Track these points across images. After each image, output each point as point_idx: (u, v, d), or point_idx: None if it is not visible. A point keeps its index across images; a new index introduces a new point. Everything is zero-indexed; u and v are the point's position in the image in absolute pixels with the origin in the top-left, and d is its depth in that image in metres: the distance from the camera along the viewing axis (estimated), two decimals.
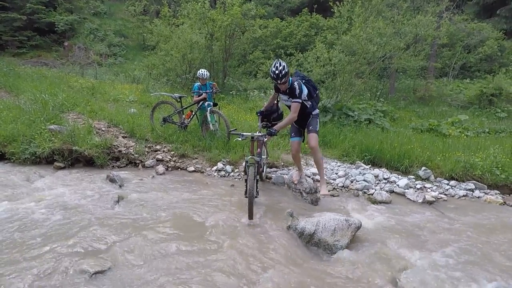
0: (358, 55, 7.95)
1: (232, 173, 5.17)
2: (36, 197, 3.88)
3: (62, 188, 4.19)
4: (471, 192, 4.99)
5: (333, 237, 3.10)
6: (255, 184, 3.58)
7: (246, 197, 3.55)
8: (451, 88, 15.02)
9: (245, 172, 3.71)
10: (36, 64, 16.32)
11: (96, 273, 2.42)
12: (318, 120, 4.09)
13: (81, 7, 20.64)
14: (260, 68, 14.35)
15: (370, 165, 5.76)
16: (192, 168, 5.31)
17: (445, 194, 4.91)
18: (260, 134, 3.81)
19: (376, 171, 5.43)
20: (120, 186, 4.39)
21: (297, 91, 3.73)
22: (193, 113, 6.40)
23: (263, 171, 4.67)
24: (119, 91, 10.80)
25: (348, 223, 3.24)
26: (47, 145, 5.15)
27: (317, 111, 4.14)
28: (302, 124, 4.12)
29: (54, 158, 5.15)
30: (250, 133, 3.78)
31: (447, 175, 5.37)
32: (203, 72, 6.31)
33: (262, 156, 4.44)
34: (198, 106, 6.26)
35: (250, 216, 3.49)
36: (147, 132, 6.26)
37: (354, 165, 5.79)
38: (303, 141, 4.31)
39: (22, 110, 6.50)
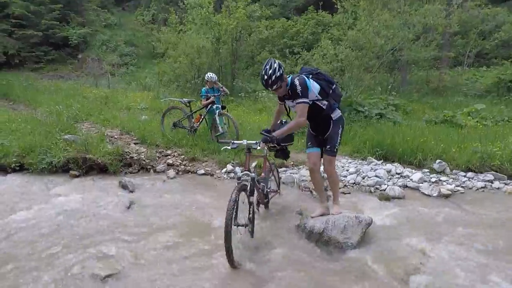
0: (366, 50, 7.82)
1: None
2: (52, 204, 4.02)
3: (76, 195, 4.32)
4: (490, 184, 4.79)
5: (343, 234, 3.05)
6: (250, 211, 2.86)
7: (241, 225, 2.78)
8: (466, 77, 14.52)
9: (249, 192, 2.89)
10: (53, 78, 16.98)
11: (107, 276, 2.49)
12: (340, 131, 3.16)
13: (92, 20, 21.30)
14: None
15: (382, 161, 5.63)
16: (202, 171, 5.36)
17: (462, 187, 4.73)
18: (254, 142, 3.00)
19: (388, 166, 5.31)
20: (132, 192, 4.49)
21: (299, 88, 2.90)
22: (202, 116, 6.48)
23: (267, 199, 3.63)
24: (131, 99, 11.08)
25: (359, 220, 3.18)
26: (62, 155, 5.32)
27: (338, 113, 3.20)
28: (319, 130, 3.25)
29: (69, 166, 5.31)
30: (243, 141, 3.03)
31: (463, 167, 5.17)
32: (211, 75, 6.40)
33: (270, 179, 3.72)
34: (207, 109, 6.34)
35: (230, 262, 2.58)
36: (158, 137, 6.37)
37: (365, 161, 5.68)
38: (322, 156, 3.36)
39: (39, 122, 6.77)
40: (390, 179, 4.99)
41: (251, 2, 12.95)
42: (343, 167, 5.48)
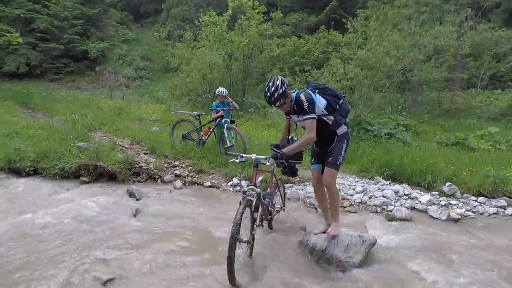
0: (375, 69, 7.91)
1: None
2: (61, 209, 4.11)
3: (84, 201, 4.40)
4: (503, 210, 4.64)
5: (345, 253, 3.01)
6: (254, 228, 2.80)
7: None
8: (480, 99, 14.41)
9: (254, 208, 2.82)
10: (71, 88, 17.65)
11: (107, 281, 2.53)
12: (344, 145, 3.08)
13: (111, 35, 22.26)
14: None
15: (390, 181, 5.56)
16: (208, 183, 5.40)
17: (473, 212, 4.59)
18: (263, 157, 2.95)
19: (396, 186, 5.23)
20: (138, 200, 4.55)
21: (305, 104, 2.84)
22: (211, 130, 6.60)
23: (271, 217, 3.52)
24: (143, 111, 11.37)
25: (362, 239, 3.14)
26: (75, 161, 5.46)
27: (344, 129, 3.12)
28: (323, 146, 3.17)
29: (80, 173, 5.44)
30: (252, 155, 2.97)
31: (474, 191, 5.04)
32: (221, 90, 6.56)
33: (275, 194, 3.65)
34: (216, 123, 6.46)
35: (230, 279, 2.51)
36: (167, 148, 6.47)
37: (373, 180, 5.62)
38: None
39: (55, 129, 7.01)
40: (397, 200, 4.91)
41: (263, 21, 13.34)
42: (349, 185, 5.44)
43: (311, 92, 2.98)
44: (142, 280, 2.58)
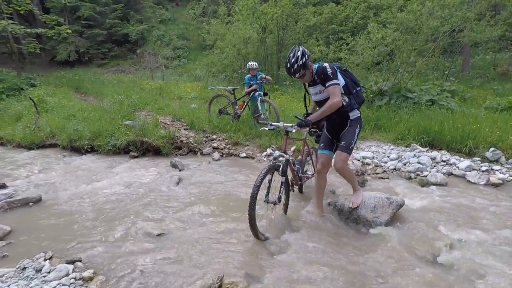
0: (417, 32, 7.38)
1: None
2: (116, 179, 4.71)
3: (135, 172, 4.98)
4: None
5: (372, 213, 3.14)
6: (281, 191, 2.93)
7: (264, 201, 2.84)
8: None
9: (283, 173, 2.94)
10: (116, 72, 18.80)
11: (158, 235, 2.98)
12: (357, 130, 3.04)
13: (149, 17, 22.92)
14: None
15: (427, 148, 5.41)
16: (244, 154, 5.72)
17: None
18: (290, 125, 3.03)
19: (434, 153, 5.09)
20: (180, 170, 5.02)
21: (329, 71, 2.82)
22: (245, 103, 6.82)
23: (301, 183, 3.69)
24: (182, 90, 11.89)
25: (390, 200, 3.23)
26: (124, 138, 6.09)
27: (357, 114, 3.08)
28: (335, 132, 3.15)
29: (130, 148, 6.07)
30: (280, 123, 3.07)
31: None
32: (252, 63, 6.68)
33: (307, 162, 3.81)
34: (250, 96, 6.65)
35: (253, 233, 2.74)
36: (205, 123, 6.86)
37: (409, 148, 5.50)
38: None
39: (105, 110, 7.73)
40: (434, 166, 4.81)
41: None
42: (384, 153, 5.40)
43: (335, 67, 2.96)
44: (185, 234, 2.99)
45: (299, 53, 2.83)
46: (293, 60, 2.83)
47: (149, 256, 2.58)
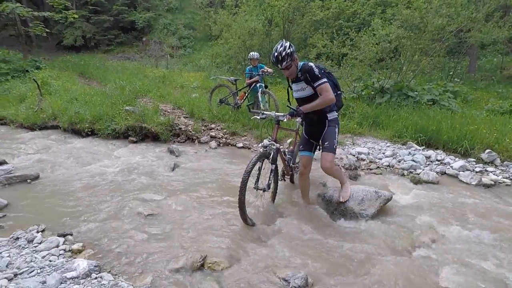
0: (421, 31, 7.32)
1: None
2: (114, 162, 4.80)
3: (133, 156, 5.07)
4: None
5: (359, 206, 3.19)
6: (270, 178, 2.96)
7: (253, 187, 2.89)
8: None
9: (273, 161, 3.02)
10: (121, 59, 18.85)
11: (148, 215, 3.08)
12: (336, 130, 3.08)
13: (156, 5, 22.84)
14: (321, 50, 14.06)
15: (424, 147, 5.43)
16: (240, 144, 5.77)
17: (511, 179, 4.40)
18: (282, 114, 3.10)
19: (429, 152, 5.11)
20: (177, 156, 5.10)
21: (316, 70, 2.84)
22: (246, 94, 6.85)
23: (292, 173, 3.78)
24: (185, 79, 11.93)
25: (378, 194, 3.28)
26: (124, 123, 6.16)
27: (335, 114, 3.13)
28: (313, 133, 3.19)
29: (129, 133, 6.15)
30: (271, 112, 3.15)
31: None
32: (253, 53, 6.70)
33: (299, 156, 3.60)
34: (250, 87, 6.68)
35: (242, 218, 2.81)
36: (205, 112, 6.92)
37: (405, 146, 5.53)
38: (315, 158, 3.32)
39: (107, 95, 7.80)
40: (428, 164, 4.83)
41: None
42: (380, 149, 5.43)
43: (319, 67, 2.94)
44: (175, 215, 3.09)
45: (286, 44, 2.86)
46: (281, 49, 2.84)
47: (138, 234, 2.67)
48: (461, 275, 2.26)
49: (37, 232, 2.64)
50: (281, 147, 3.21)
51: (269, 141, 3.11)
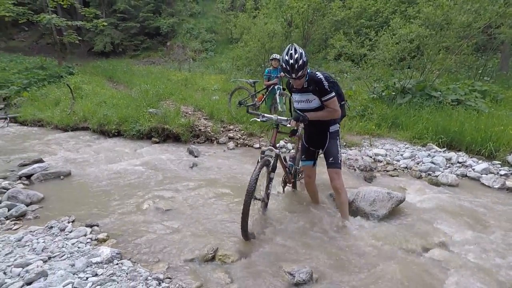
0: (445, 28, 7.12)
1: (292, 150, 5.56)
2: (137, 161, 5.10)
3: (155, 156, 5.35)
4: None
5: (371, 206, 3.21)
6: (257, 180, 2.60)
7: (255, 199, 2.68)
8: None
9: (271, 168, 2.83)
10: (146, 63, 19.65)
11: (167, 210, 3.29)
12: (338, 142, 2.95)
13: (180, 10, 23.59)
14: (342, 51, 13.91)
15: (445, 148, 5.30)
16: (257, 145, 5.91)
17: None
18: (285, 119, 2.84)
19: (451, 154, 4.99)
20: (196, 156, 5.32)
21: (326, 84, 2.65)
22: (265, 96, 6.99)
23: (294, 180, 3.58)
24: (206, 82, 12.26)
25: (390, 195, 3.28)
26: (147, 124, 6.49)
27: (337, 127, 2.98)
28: (313, 142, 3.05)
29: (152, 134, 6.47)
30: (273, 116, 2.87)
31: None
32: (276, 55, 6.85)
33: (297, 158, 3.52)
34: (269, 89, 6.82)
35: (243, 235, 2.60)
36: (224, 114, 7.12)
37: (425, 147, 5.42)
38: (315, 165, 3.17)
39: (132, 99, 8.22)
40: (448, 167, 4.73)
41: None
42: (398, 151, 5.36)
43: (327, 78, 2.74)
44: (191, 211, 3.28)
45: (301, 50, 2.58)
46: (296, 56, 2.53)
47: (156, 227, 2.88)
48: (470, 281, 2.24)
49: (68, 222, 2.93)
50: (280, 152, 3.01)
51: (268, 147, 2.86)
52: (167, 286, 2.09)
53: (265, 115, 2.92)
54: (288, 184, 3.58)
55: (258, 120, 2.94)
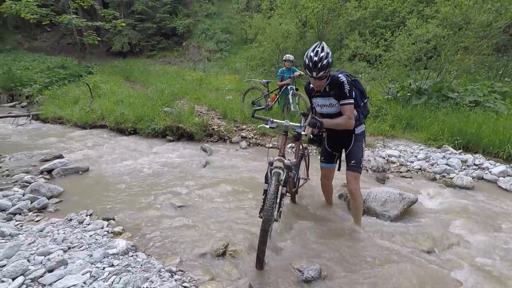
0: (463, 28, 6.95)
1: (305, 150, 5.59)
2: (152, 158, 5.25)
3: (169, 153, 5.49)
4: None
5: (382, 207, 3.21)
6: (276, 202, 2.30)
7: (259, 217, 2.30)
8: None
9: (266, 180, 2.39)
10: (162, 63, 19.99)
11: (180, 206, 3.38)
12: (363, 145, 2.82)
13: (196, 11, 23.89)
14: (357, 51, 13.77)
15: (460, 150, 5.19)
16: (270, 145, 5.95)
17: None
18: (298, 125, 2.56)
19: (467, 156, 4.89)
20: (209, 155, 5.42)
21: (347, 88, 2.51)
22: (277, 96, 7.03)
23: (295, 189, 3.26)
24: (220, 82, 12.39)
25: (402, 196, 3.26)
26: (162, 123, 6.65)
27: (362, 128, 2.84)
28: (336, 146, 2.94)
29: (166, 133, 6.62)
30: (284, 122, 2.52)
31: None
32: (288, 55, 6.88)
33: (299, 168, 3.24)
34: (281, 90, 6.85)
35: (259, 263, 2.27)
36: (237, 114, 7.21)
37: (440, 149, 5.32)
38: (338, 169, 3.04)
39: (148, 98, 8.43)
40: (464, 169, 4.63)
41: None
42: (412, 153, 5.29)
43: (348, 78, 2.61)
44: (203, 207, 3.37)
45: (328, 51, 2.43)
46: (322, 54, 2.39)
47: (169, 222, 2.97)
48: (483, 286, 2.22)
49: (86, 215, 3.07)
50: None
51: (276, 157, 2.42)
52: (179, 278, 2.17)
53: (274, 120, 2.58)
54: (287, 195, 3.02)
55: (267, 126, 2.60)
